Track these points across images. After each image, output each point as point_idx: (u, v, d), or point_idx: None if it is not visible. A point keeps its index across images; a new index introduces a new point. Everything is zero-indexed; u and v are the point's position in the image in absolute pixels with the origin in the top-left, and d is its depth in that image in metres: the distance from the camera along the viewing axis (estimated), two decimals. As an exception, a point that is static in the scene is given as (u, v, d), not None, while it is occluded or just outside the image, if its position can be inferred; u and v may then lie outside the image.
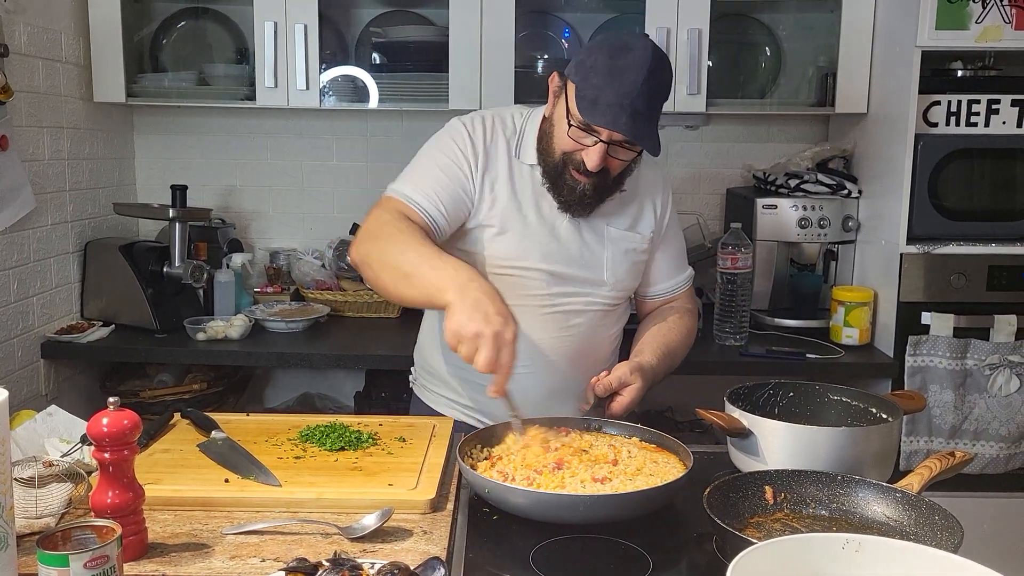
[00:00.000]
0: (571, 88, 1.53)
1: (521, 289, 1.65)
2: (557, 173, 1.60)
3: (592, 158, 1.53)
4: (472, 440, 1.40)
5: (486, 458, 1.37)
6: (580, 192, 1.59)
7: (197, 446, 1.42)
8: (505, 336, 1.34)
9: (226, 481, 1.29)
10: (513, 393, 1.41)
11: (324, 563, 1.00)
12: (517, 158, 1.67)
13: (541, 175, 1.64)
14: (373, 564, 1.02)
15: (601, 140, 1.51)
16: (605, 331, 1.75)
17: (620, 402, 1.56)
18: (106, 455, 1.07)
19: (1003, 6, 2.19)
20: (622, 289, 1.74)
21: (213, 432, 1.45)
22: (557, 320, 1.68)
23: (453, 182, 1.62)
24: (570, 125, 1.53)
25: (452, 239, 1.68)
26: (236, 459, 1.35)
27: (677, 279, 1.85)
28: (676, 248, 1.85)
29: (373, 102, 2.63)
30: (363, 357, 2.39)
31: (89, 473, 1.27)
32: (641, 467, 1.31)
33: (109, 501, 1.07)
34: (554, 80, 1.61)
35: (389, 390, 2.65)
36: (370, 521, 1.16)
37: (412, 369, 1.91)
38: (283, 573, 1.00)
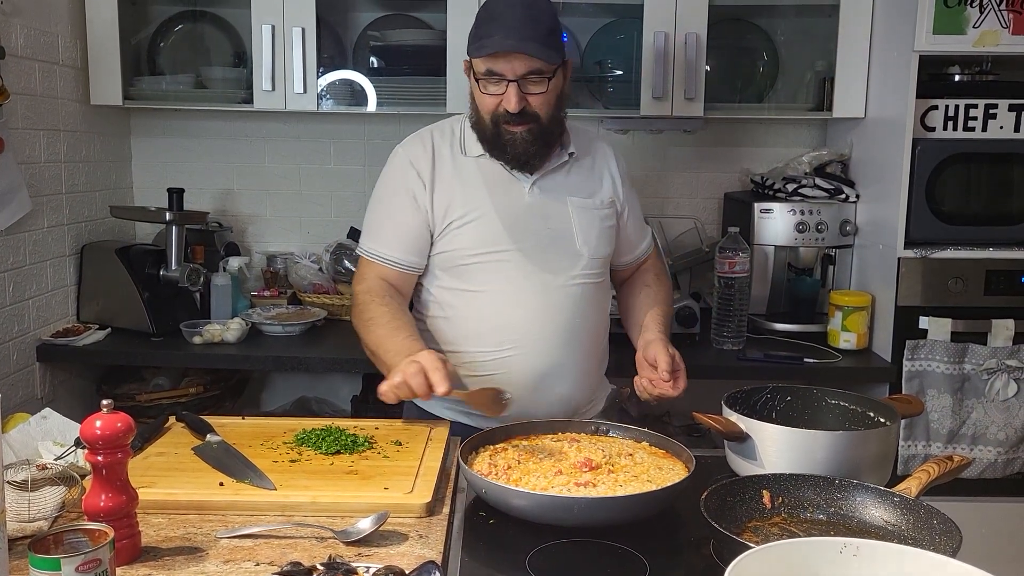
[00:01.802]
0: (472, 58, 1.67)
1: (497, 273, 1.72)
2: (495, 136, 1.69)
3: (509, 99, 1.62)
4: (474, 441, 1.40)
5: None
6: (521, 141, 1.67)
7: (192, 449, 1.41)
8: (421, 358, 1.49)
9: (220, 484, 1.28)
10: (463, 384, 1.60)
11: (318, 567, 1.00)
12: (463, 155, 1.76)
13: (486, 151, 1.72)
14: (368, 568, 1.02)
15: (508, 80, 1.61)
16: (592, 307, 1.78)
17: (681, 377, 1.67)
18: (99, 458, 1.06)
19: (1000, 11, 2.19)
20: (599, 257, 1.79)
21: (208, 435, 1.44)
22: (540, 299, 1.72)
23: (409, 218, 1.74)
24: (478, 80, 1.65)
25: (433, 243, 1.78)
26: (231, 462, 1.34)
27: (646, 241, 1.95)
28: (636, 213, 1.92)
29: (371, 106, 2.63)
30: (360, 361, 2.35)
31: (83, 476, 1.26)
32: (639, 474, 1.30)
33: (102, 504, 1.06)
34: (465, 67, 1.73)
35: (386, 394, 2.64)
36: (365, 525, 1.15)
37: None
38: (277, 577, 0.99)
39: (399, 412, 1.88)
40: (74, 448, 1.32)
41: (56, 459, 1.29)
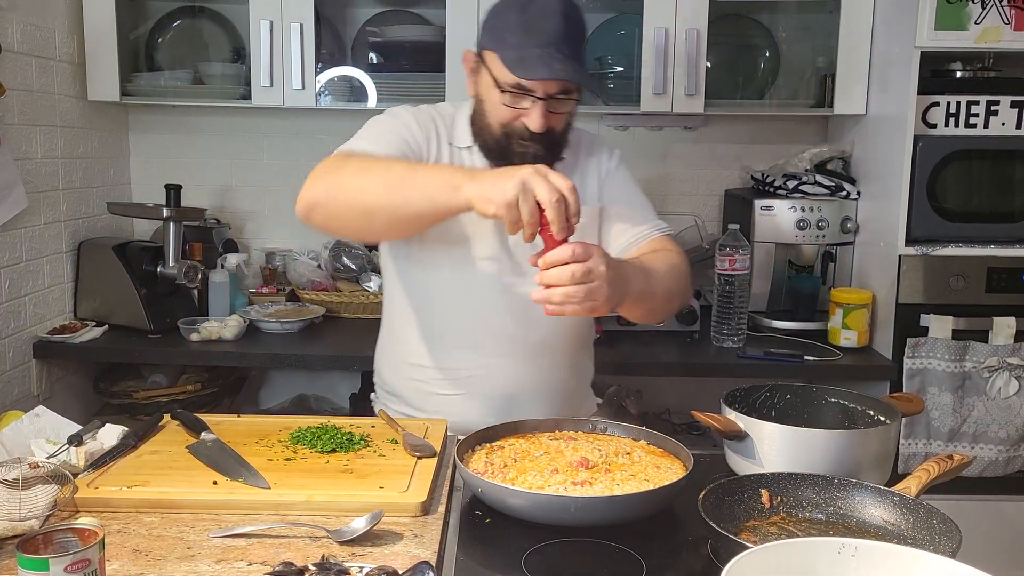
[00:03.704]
0: (490, 57, 1.49)
1: (472, 280, 1.61)
2: (502, 148, 1.53)
3: (534, 119, 1.47)
4: (471, 440, 1.38)
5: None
6: (532, 158, 1.48)
7: (186, 448, 1.40)
8: (540, 167, 1.23)
9: (214, 483, 1.27)
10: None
11: (311, 567, 0.99)
12: (451, 144, 1.62)
13: (485, 157, 1.58)
14: (361, 568, 1.00)
15: (537, 97, 1.46)
16: (570, 322, 1.66)
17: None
18: None
19: (1002, 7, 2.18)
20: None
21: (203, 434, 1.43)
22: (514, 310, 1.61)
23: (406, 145, 1.55)
24: (502, 92, 1.48)
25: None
26: (225, 461, 1.33)
27: (638, 228, 1.65)
28: (626, 197, 1.69)
29: (370, 102, 2.62)
30: (358, 358, 2.37)
31: (75, 475, 1.25)
32: (637, 473, 1.29)
33: None
34: (467, 58, 1.57)
35: (384, 392, 2.63)
36: (360, 524, 1.14)
37: (373, 392, 1.87)
38: (269, 577, 0.98)
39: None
40: (67, 446, 1.31)
41: (48, 457, 1.28)
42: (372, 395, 1.88)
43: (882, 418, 1.41)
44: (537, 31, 1.43)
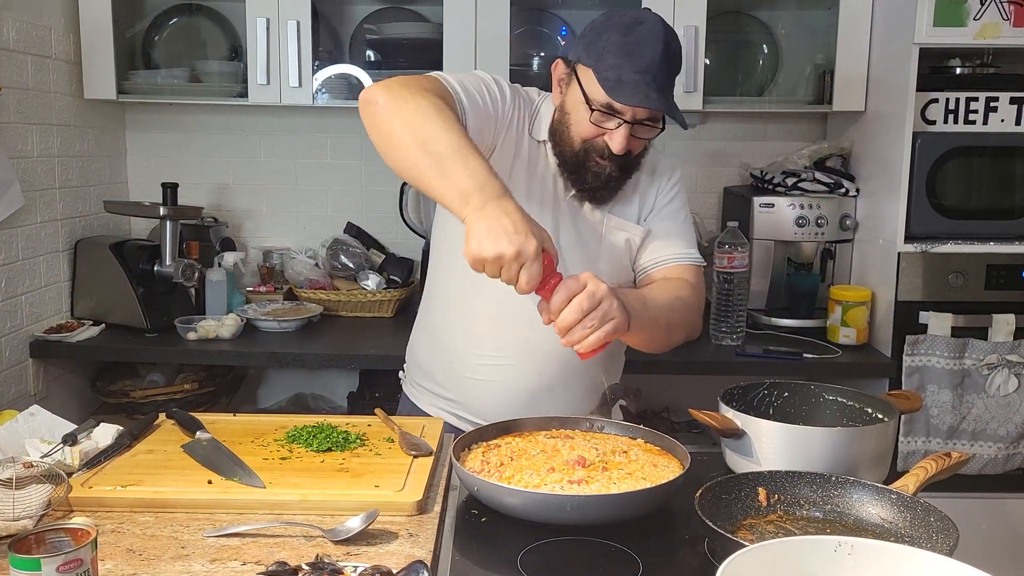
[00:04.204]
0: (585, 72, 1.49)
1: (508, 290, 1.60)
2: (579, 162, 1.54)
3: (617, 141, 1.48)
4: (467, 438, 1.38)
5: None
6: (606, 177, 1.54)
7: (181, 447, 1.39)
8: (527, 252, 1.23)
9: (209, 482, 1.26)
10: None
11: (304, 567, 0.98)
12: (529, 134, 1.61)
13: (558, 167, 1.59)
14: (356, 568, 1.00)
15: (625, 120, 1.47)
16: None
17: (557, 300, 1.29)
18: None
19: (1001, 3, 2.17)
20: (621, 284, 1.65)
21: (198, 433, 1.42)
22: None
23: (489, 103, 1.52)
24: (592, 110, 1.48)
25: None
26: (220, 460, 1.32)
27: (664, 253, 1.66)
28: (671, 226, 1.69)
29: (367, 100, 2.61)
30: (356, 357, 2.37)
31: (69, 475, 1.25)
32: (634, 471, 1.28)
33: None
34: (558, 67, 1.56)
35: (382, 390, 2.63)
36: (355, 523, 1.14)
37: (403, 366, 1.89)
38: (263, 577, 0.98)
39: (395, 410, 1.86)
40: (61, 445, 1.31)
41: (43, 457, 1.27)
42: (400, 372, 1.88)
43: (880, 416, 1.40)
44: (638, 56, 1.43)
